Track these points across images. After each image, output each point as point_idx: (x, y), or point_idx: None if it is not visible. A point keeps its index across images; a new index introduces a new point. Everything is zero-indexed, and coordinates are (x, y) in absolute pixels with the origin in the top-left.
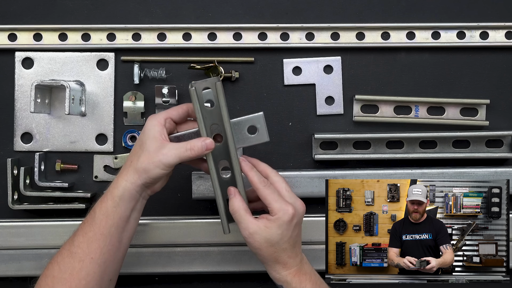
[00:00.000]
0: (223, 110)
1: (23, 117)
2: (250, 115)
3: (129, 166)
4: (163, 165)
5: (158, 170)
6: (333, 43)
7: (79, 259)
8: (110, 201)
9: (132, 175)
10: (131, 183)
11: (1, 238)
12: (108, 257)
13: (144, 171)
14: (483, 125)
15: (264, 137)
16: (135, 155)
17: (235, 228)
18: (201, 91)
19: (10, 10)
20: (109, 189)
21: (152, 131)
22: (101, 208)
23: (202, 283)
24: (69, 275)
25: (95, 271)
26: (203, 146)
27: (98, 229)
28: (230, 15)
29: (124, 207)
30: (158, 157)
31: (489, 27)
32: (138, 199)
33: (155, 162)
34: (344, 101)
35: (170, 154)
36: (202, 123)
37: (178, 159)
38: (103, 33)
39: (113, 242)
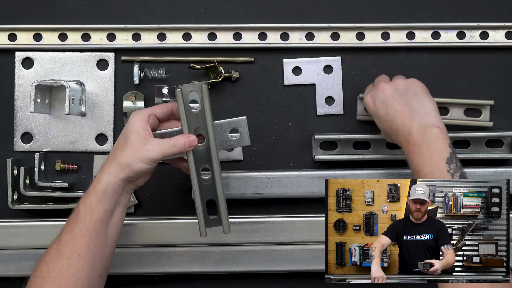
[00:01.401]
0: (207, 113)
1: (23, 117)
2: (233, 119)
3: (112, 160)
4: (146, 160)
5: (142, 164)
6: (333, 43)
7: (67, 256)
8: (94, 196)
9: (115, 169)
10: (114, 177)
11: (1, 238)
12: (96, 253)
13: (127, 166)
14: (487, 126)
15: (245, 141)
16: (119, 149)
17: (234, 229)
18: (187, 94)
19: (10, 10)
20: (92, 184)
21: (136, 126)
22: (84, 204)
23: (202, 283)
24: (58, 274)
25: (83, 268)
26: (186, 143)
27: (83, 225)
28: (230, 15)
29: (107, 201)
30: (142, 152)
31: (489, 27)
32: (121, 193)
33: (139, 157)
34: (344, 101)
35: (153, 150)
36: (185, 124)
37: (162, 155)
38: (103, 33)
39: (99, 238)
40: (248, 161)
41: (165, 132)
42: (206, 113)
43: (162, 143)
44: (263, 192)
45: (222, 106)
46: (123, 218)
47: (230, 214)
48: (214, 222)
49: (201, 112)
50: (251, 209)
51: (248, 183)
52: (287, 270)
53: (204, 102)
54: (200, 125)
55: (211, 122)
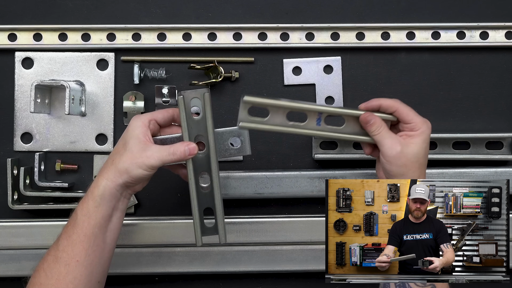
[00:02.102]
0: (208, 121)
1: (23, 117)
2: (234, 127)
3: (111, 165)
4: (145, 167)
5: (140, 171)
6: (333, 43)
7: (65, 263)
8: (91, 201)
9: (113, 174)
10: (111, 182)
11: (1, 238)
12: (94, 259)
13: (125, 171)
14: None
15: (246, 150)
16: (117, 154)
17: (234, 229)
18: (189, 101)
19: (10, 10)
20: (89, 189)
21: (136, 131)
22: (82, 209)
23: (202, 283)
24: (56, 281)
25: (82, 274)
26: (186, 151)
27: (81, 230)
28: (230, 15)
29: (105, 206)
30: (141, 158)
31: (489, 27)
32: (119, 198)
33: (138, 163)
34: (344, 101)
35: (153, 157)
36: (186, 132)
37: (161, 162)
38: (103, 33)
39: (97, 243)
40: (248, 161)
41: (165, 138)
42: (207, 121)
43: (161, 150)
44: (263, 192)
45: (222, 106)
46: (121, 223)
47: (230, 214)
48: (211, 230)
49: (202, 120)
50: (251, 209)
51: (248, 183)
52: (287, 270)
53: (206, 110)
54: (201, 133)
55: (212, 131)
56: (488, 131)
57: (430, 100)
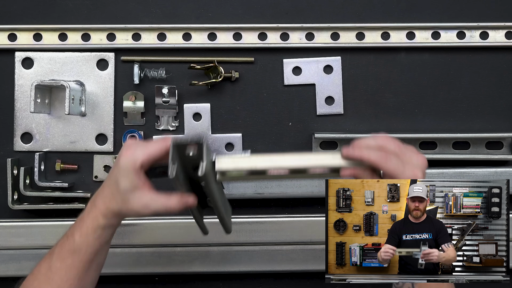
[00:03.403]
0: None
1: (23, 117)
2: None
3: (102, 205)
4: (137, 214)
5: (133, 214)
6: (333, 43)
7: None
8: (91, 230)
9: (110, 213)
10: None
11: (1, 238)
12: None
13: (119, 214)
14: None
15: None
16: (108, 196)
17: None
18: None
19: (10, 10)
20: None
21: (126, 171)
22: (81, 235)
23: (202, 283)
24: None
25: None
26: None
27: (78, 256)
28: (230, 15)
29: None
30: (133, 206)
31: (489, 27)
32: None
33: (129, 210)
34: (344, 101)
35: (148, 207)
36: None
37: (155, 214)
38: (103, 33)
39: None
40: None
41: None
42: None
43: (156, 200)
44: (263, 192)
45: (222, 106)
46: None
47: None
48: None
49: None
50: (251, 209)
51: (248, 183)
52: (287, 270)
53: (210, 188)
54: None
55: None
56: (488, 131)
57: (430, 100)
